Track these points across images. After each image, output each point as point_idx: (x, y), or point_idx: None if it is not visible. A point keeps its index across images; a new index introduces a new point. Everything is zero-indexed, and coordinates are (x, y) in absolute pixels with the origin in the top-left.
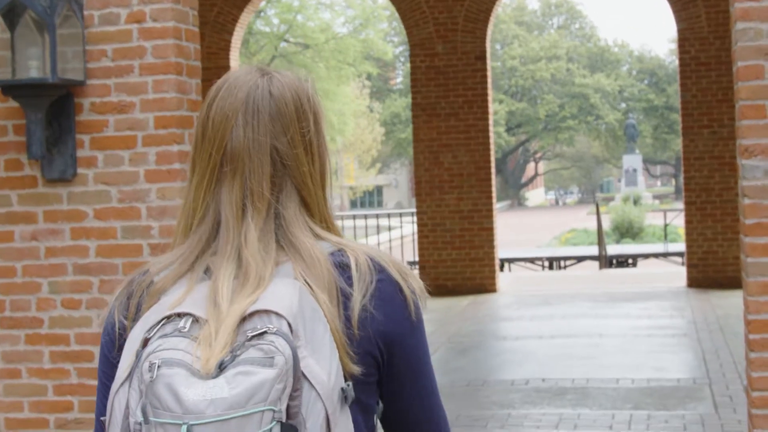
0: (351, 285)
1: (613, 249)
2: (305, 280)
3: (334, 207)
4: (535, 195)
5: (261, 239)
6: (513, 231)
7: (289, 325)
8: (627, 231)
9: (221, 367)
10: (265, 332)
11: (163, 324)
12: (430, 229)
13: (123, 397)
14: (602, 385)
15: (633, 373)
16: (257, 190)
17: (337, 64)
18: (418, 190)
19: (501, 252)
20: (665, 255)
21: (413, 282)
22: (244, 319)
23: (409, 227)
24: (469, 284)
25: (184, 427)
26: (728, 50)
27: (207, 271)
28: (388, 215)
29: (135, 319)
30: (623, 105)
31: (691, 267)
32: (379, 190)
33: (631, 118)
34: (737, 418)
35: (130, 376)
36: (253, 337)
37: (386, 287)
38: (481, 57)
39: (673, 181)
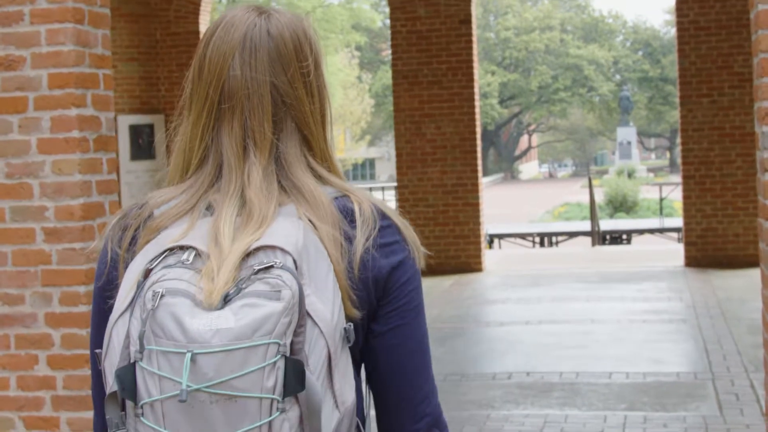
0: (354, 228)
1: (606, 224)
2: (309, 220)
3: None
4: (529, 168)
5: (264, 179)
6: (506, 204)
7: (294, 261)
8: (621, 205)
9: (226, 300)
10: (271, 266)
11: (165, 255)
12: (412, 204)
13: (122, 327)
14: (593, 380)
15: (628, 366)
16: (258, 129)
17: (324, 34)
18: (399, 163)
19: (491, 228)
20: (661, 231)
21: (413, 233)
22: (248, 255)
23: None
24: (453, 263)
25: (188, 356)
26: (729, 13)
27: (209, 207)
28: (382, 188)
29: (129, 251)
30: (617, 76)
31: (689, 245)
32: (371, 162)
33: (626, 90)
34: (745, 421)
35: (131, 305)
36: (260, 270)
37: (388, 233)
38: (467, 21)
39: (668, 154)
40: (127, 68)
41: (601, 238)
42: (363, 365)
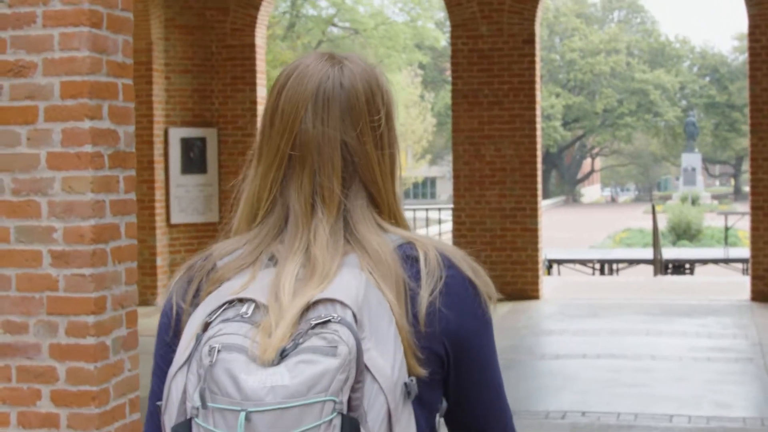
0: (419, 280)
1: (669, 252)
2: (371, 273)
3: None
4: (591, 191)
5: (331, 236)
6: (566, 228)
7: (354, 315)
8: (684, 232)
9: (283, 355)
10: (328, 321)
11: (225, 308)
12: (468, 228)
13: (181, 381)
14: (653, 423)
15: (689, 409)
16: (327, 186)
17: (386, 52)
18: (456, 185)
19: (550, 252)
20: (726, 261)
21: (484, 280)
22: (308, 309)
23: None
24: (509, 290)
25: (243, 414)
26: None
27: (271, 258)
28: (439, 209)
29: (193, 304)
30: (683, 102)
31: (755, 278)
32: (432, 181)
33: (692, 116)
34: None
35: (189, 359)
36: (317, 325)
37: (456, 283)
38: (530, 40)
39: (732, 182)
40: (180, 80)
41: (663, 266)
42: (440, 419)
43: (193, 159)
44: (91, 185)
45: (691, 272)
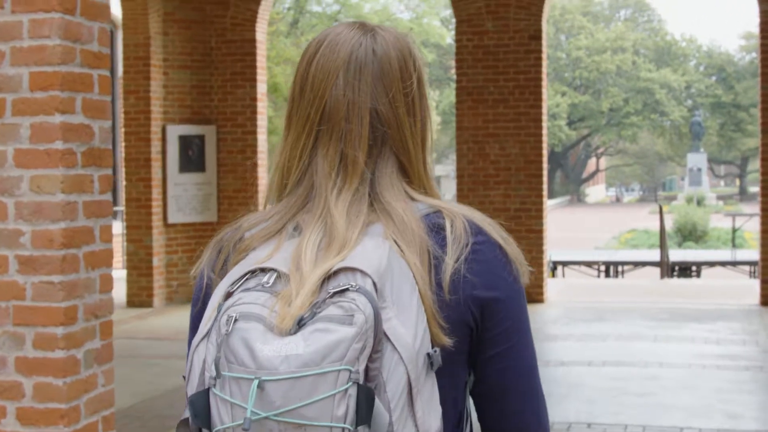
0: (444, 247)
1: (675, 254)
2: (395, 242)
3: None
4: (596, 191)
5: (352, 204)
6: (571, 228)
7: (374, 284)
8: (690, 233)
9: (300, 324)
10: (346, 289)
11: (247, 278)
12: None
13: (202, 352)
14: None
15: (700, 420)
16: (353, 153)
17: None
18: (459, 185)
19: (555, 254)
20: (733, 264)
21: (514, 248)
22: (329, 278)
23: None
24: None
25: (255, 382)
26: None
27: (296, 228)
28: None
29: (221, 274)
30: (689, 101)
31: (765, 282)
32: (437, 180)
33: (697, 115)
34: None
35: (210, 330)
36: (335, 294)
37: (484, 249)
38: (537, 37)
39: (738, 182)
40: (178, 76)
41: (670, 269)
42: (468, 391)
43: (192, 157)
44: (61, 185)
45: (698, 275)
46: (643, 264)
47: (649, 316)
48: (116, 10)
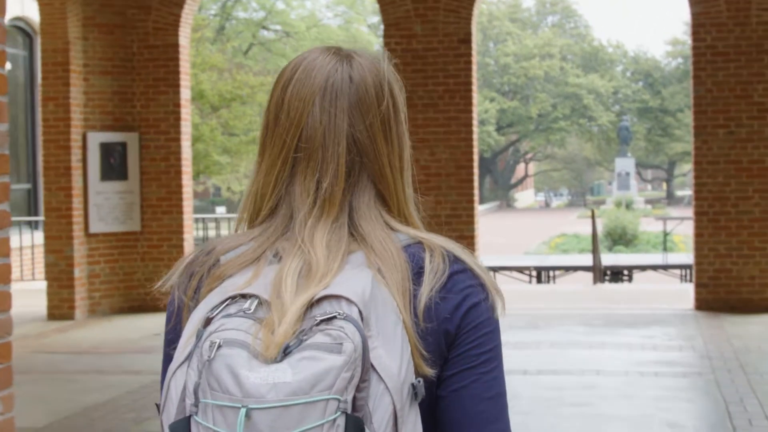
0: (421, 277)
1: (606, 259)
2: (378, 270)
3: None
4: (525, 196)
5: (332, 232)
6: (501, 233)
7: (360, 312)
8: (620, 237)
9: (286, 352)
10: (334, 317)
11: (227, 304)
12: None
13: (180, 379)
14: None
15: (640, 430)
16: (332, 181)
17: None
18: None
19: (485, 259)
20: (665, 267)
21: (491, 280)
22: (312, 305)
23: None
24: None
25: (243, 411)
26: (749, 39)
27: (276, 255)
28: None
29: (194, 300)
30: (617, 106)
31: (699, 287)
32: None
33: (625, 120)
34: None
35: (189, 356)
36: (322, 321)
37: (459, 278)
38: (466, 40)
39: (665, 186)
40: (99, 82)
41: (602, 273)
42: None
43: (114, 165)
44: None
45: (630, 279)
46: (575, 269)
47: (584, 322)
48: (35, 14)
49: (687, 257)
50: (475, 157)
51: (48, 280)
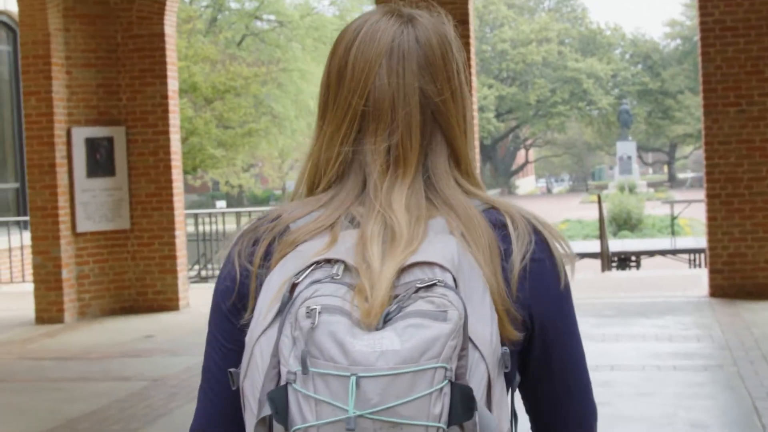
0: (510, 244)
1: (613, 244)
2: (462, 236)
3: None
4: (526, 183)
5: (410, 196)
6: None
7: (454, 279)
8: (625, 222)
9: (386, 319)
10: (434, 284)
11: (312, 269)
12: None
13: (267, 345)
14: None
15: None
16: (405, 143)
17: (313, 43)
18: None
19: None
20: (673, 252)
21: (565, 246)
22: (403, 271)
23: None
24: None
25: (353, 379)
26: (759, 12)
27: (352, 220)
28: None
29: (264, 266)
30: (616, 90)
31: (714, 272)
32: None
33: (625, 104)
34: None
35: (277, 321)
36: (421, 288)
37: (543, 248)
38: (464, 21)
39: (666, 169)
40: (83, 75)
41: (609, 260)
42: (513, 392)
43: (100, 161)
44: None
45: (638, 265)
46: (582, 256)
47: (595, 313)
48: (13, 6)
49: (696, 241)
50: (476, 143)
51: (35, 283)
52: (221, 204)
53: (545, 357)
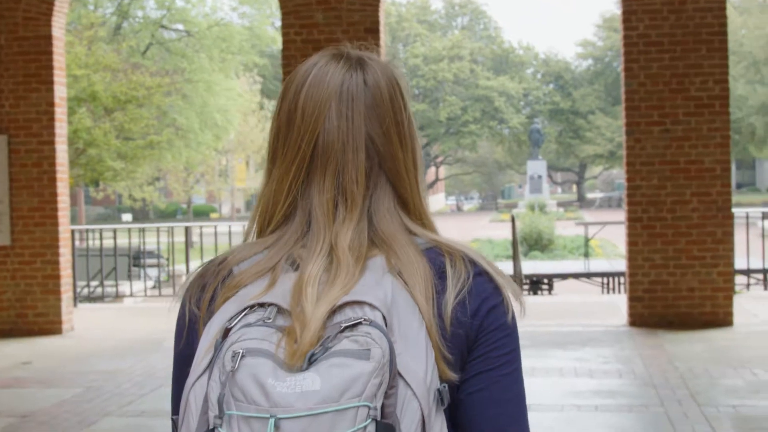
0: (444, 281)
1: (524, 266)
2: (399, 274)
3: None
4: (436, 200)
5: (354, 237)
6: None
7: (384, 317)
8: (536, 243)
9: (311, 360)
10: (359, 323)
11: (245, 314)
12: None
13: (200, 391)
14: None
15: None
16: (351, 187)
17: (220, 54)
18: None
19: None
20: (587, 276)
21: (510, 284)
22: (334, 312)
23: None
24: None
25: (272, 421)
26: (686, 27)
27: (293, 263)
28: None
29: (209, 311)
30: (527, 109)
31: (633, 300)
32: None
33: (536, 123)
34: None
35: (209, 368)
36: (346, 328)
37: (482, 284)
38: (374, 29)
39: (575, 188)
40: None
41: (521, 282)
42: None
43: None
44: None
45: (550, 288)
46: None
47: None
48: None
49: (609, 264)
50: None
51: None
52: (127, 217)
53: (471, 379)
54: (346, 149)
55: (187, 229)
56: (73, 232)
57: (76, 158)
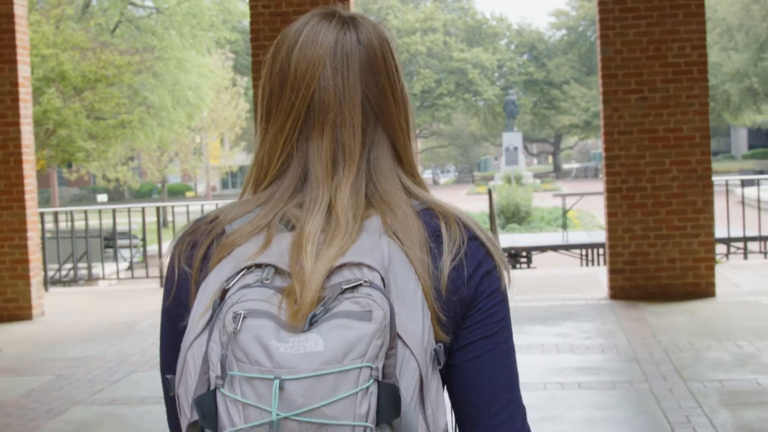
0: (440, 246)
1: (503, 239)
2: (396, 235)
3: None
4: None
5: (352, 194)
6: None
7: (382, 279)
8: (513, 215)
9: (312, 321)
10: (360, 285)
11: (243, 274)
12: None
13: (199, 350)
14: None
15: None
16: (349, 142)
17: (191, 31)
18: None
19: None
20: (566, 248)
21: (498, 252)
22: (332, 273)
23: None
24: None
25: (276, 382)
26: None
27: (287, 223)
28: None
29: (201, 270)
30: (502, 80)
31: (614, 273)
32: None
33: (511, 94)
34: None
35: (209, 328)
36: (347, 289)
37: (475, 249)
38: (343, 1)
39: (550, 159)
40: None
41: None
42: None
43: None
44: None
45: (529, 262)
46: None
47: None
48: None
49: (588, 235)
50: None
51: None
52: (102, 198)
53: (468, 346)
54: (342, 106)
55: (159, 209)
56: (42, 214)
57: (47, 139)
